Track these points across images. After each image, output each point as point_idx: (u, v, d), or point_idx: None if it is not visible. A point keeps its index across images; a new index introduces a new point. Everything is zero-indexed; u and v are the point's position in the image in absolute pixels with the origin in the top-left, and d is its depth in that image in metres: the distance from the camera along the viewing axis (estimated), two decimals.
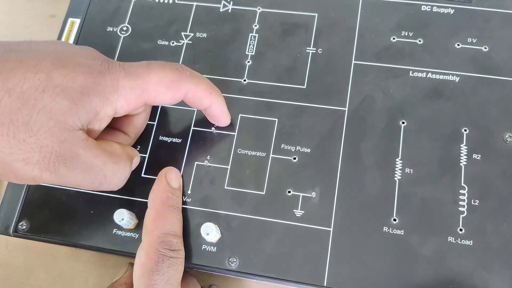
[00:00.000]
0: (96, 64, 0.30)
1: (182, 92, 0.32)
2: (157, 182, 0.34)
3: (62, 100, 0.27)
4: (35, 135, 0.26)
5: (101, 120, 0.30)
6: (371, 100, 0.36)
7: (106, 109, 0.29)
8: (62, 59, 0.29)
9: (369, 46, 0.38)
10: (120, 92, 0.30)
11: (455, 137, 0.35)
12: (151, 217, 0.32)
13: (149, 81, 0.31)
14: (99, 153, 0.29)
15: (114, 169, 0.30)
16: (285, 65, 0.38)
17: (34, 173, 0.27)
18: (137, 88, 0.30)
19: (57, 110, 0.27)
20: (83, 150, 0.28)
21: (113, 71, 0.30)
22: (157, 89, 0.31)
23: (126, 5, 0.42)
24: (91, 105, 0.28)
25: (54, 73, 0.27)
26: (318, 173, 0.35)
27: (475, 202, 0.33)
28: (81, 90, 0.28)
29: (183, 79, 0.32)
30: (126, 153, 0.32)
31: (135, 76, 0.30)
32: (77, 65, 0.29)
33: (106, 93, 0.29)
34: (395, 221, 0.33)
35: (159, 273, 0.30)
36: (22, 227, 0.35)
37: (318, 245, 0.33)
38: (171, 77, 0.31)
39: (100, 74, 0.29)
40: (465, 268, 0.32)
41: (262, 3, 0.40)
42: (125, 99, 0.30)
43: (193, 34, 0.40)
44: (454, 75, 0.36)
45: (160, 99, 0.31)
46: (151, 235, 0.32)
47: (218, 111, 0.35)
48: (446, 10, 0.38)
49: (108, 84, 0.29)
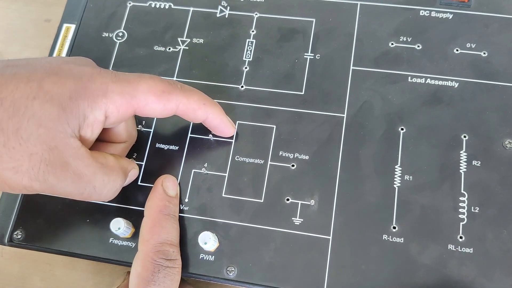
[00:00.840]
0: (87, 70, 0.30)
1: (173, 103, 0.32)
2: (153, 190, 0.34)
3: (51, 107, 0.27)
4: (25, 143, 0.26)
5: (92, 125, 0.29)
6: (369, 106, 0.36)
7: (96, 114, 0.29)
8: (55, 68, 0.29)
9: (367, 51, 0.38)
10: (109, 96, 0.29)
11: (455, 143, 0.34)
12: (148, 226, 0.32)
13: (138, 88, 0.30)
14: (89, 163, 0.29)
15: (105, 181, 0.30)
16: (283, 71, 0.38)
17: (24, 182, 0.27)
18: (126, 94, 0.30)
19: (46, 117, 0.27)
20: (73, 159, 0.28)
21: (103, 76, 0.30)
22: (147, 97, 0.31)
23: (122, 11, 0.41)
24: (79, 109, 0.28)
25: (45, 81, 0.28)
26: (317, 180, 0.34)
27: (475, 209, 0.33)
28: (69, 95, 0.28)
29: (174, 91, 0.32)
30: (120, 166, 0.32)
31: (125, 82, 0.30)
32: (69, 72, 0.29)
33: (95, 97, 0.29)
34: (394, 229, 0.33)
35: (155, 283, 0.30)
36: (17, 236, 0.35)
37: (317, 254, 0.33)
38: (161, 87, 0.31)
39: (89, 78, 0.29)
40: (465, 276, 0.31)
41: (259, 9, 0.40)
42: (114, 105, 0.30)
43: (190, 39, 0.40)
44: (453, 81, 0.36)
45: (150, 108, 0.31)
46: (147, 244, 0.31)
47: (216, 122, 0.34)
48: (445, 15, 0.38)
49: (97, 88, 0.29)
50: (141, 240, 0.32)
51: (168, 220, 0.33)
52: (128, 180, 0.33)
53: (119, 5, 0.42)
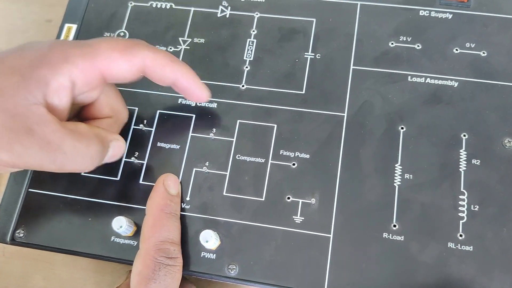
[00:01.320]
0: (48, 42, 0.30)
1: (139, 58, 0.31)
2: (155, 189, 0.34)
3: (11, 77, 0.28)
4: None
5: (58, 92, 0.29)
6: (370, 105, 0.36)
7: (58, 79, 0.29)
8: (20, 47, 0.30)
9: (367, 51, 0.38)
10: (70, 60, 0.29)
11: (454, 142, 0.35)
12: (149, 225, 0.32)
13: (100, 47, 0.30)
14: (56, 129, 0.28)
15: (76, 147, 0.29)
16: (284, 71, 0.38)
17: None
18: (87, 55, 0.30)
19: (6, 86, 0.27)
20: (38, 125, 0.28)
21: (64, 43, 0.30)
22: (110, 54, 0.30)
23: (123, 11, 0.42)
24: (40, 76, 0.28)
25: (7, 58, 0.29)
26: (317, 179, 0.34)
27: (475, 207, 0.33)
28: (29, 64, 0.28)
29: (138, 46, 0.31)
30: (94, 133, 0.31)
31: (86, 45, 0.30)
32: (30, 46, 0.30)
33: (55, 62, 0.29)
34: (395, 227, 0.33)
35: (156, 281, 0.30)
36: (19, 235, 0.35)
37: (318, 252, 0.33)
38: (124, 43, 0.31)
39: (49, 47, 0.29)
40: (465, 273, 0.32)
41: (260, 8, 0.40)
42: (77, 68, 0.29)
43: (191, 39, 0.40)
44: (452, 80, 0.36)
45: (116, 67, 0.30)
46: (148, 242, 0.31)
47: (188, 83, 0.33)
48: (444, 15, 0.38)
49: (57, 54, 0.29)
50: (142, 238, 0.32)
51: (170, 218, 0.33)
52: (112, 152, 0.33)
53: (120, 5, 0.42)
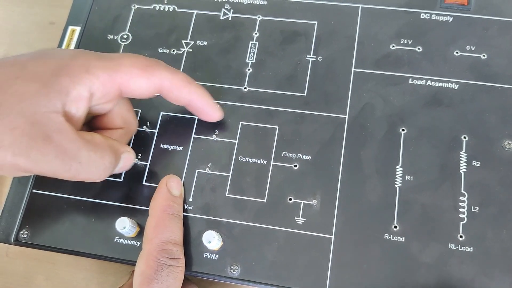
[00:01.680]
0: (70, 51, 0.31)
1: (157, 78, 0.32)
2: (158, 190, 0.34)
3: (32, 83, 0.28)
4: (7, 117, 0.27)
5: (76, 102, 0.29)
6: (371, 107, 0.36)
7: (79, 89, 0.29)
8: (40, 53, 0.30)
9: (368, 54, 0.38)
10: (91, 71, 0.30)
11: (455, 144, 0.35)
12: (151, 225, 0.33)
13: (122, 63, 0.31)
14: (73, 138, 0.29)
15: (91, 157, 0.30)
16: (286, 73, 0.38)
17: (9, 158, 0.27)
18: (109, 69, 0.30)
19: (27, 92, 0.28)
20: (56, 133, 0.28)
21: (86, 54, 0.31)
22: (131, 71, 0.31)
23: (126, 13, 0.42)
24: (61, 85, 0.29)
25: (29, 63, 0.29)
26: (319, 180, 0.35)
27: (475, 208, 0.33)
28: (51, 72, 0.29)
29: (158, 66, 0.32)
30: (108, 144, 0.31)
31: (108, 58, 0.31)
32: (52, 54, 0.30)
33: (77, 73, 0.29)
34: (396, 228, 0.33)
35: (158, 282, 0.30)
36: (23, 236, 0.35)
37: (319, 253, 0.33)
38: (145, 62, 0.32)
39: (72, 57, 0.30)
40: (466, 274, 0.32)
41: (262, 11, 0.40)
42: (98, 80, 0.30)
43: (194, 42, 0.40)
44: (453, 83, 0.37)
45: (134, 83, 0.31)
46: (151, 243, 0.32)
47: (202, 104, 0.34)
48: (445, 18, 0.39)
49: (80, 65, 0.30)
50: (145, 239, 0.32)
51: (172, 219, 0.33)
52: (122, 163, 0.33)
53: (124, 7, 0.42)
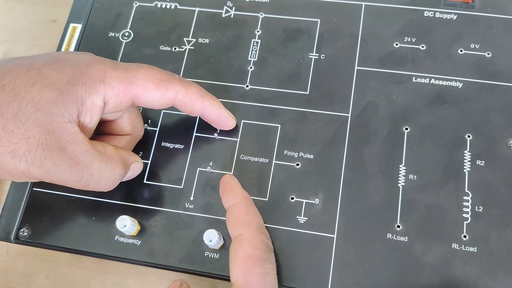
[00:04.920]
0: (85, 58, 0.30)
1: (171, 92, 0.32)
2: (229, 183, 0.34)
3: (49, 91, 0.28)
4: (23, 126, 0.27)
5: (91, 111, 0.29)
6: (374, 106, 0.36)
7: (93, 99, 0.29)
8: (55, 57, 0.30)
9: (372, 52, 0.38)
10: (107, 82, 0.30)
11: (459, 143, 0.35)
12: (242, 211, 0.32)
13: (137, 75, 0.31)
14: (87, 150, 0.29)
15: (102, 168, 0.30)
16: (288, 71, 0.38)
17: (22, 167, 0.27)
18: (124, 80, 0.30)
19: (44, 101, 0.28)
20: (70, 144, 0.28)
21: (102, 63, 0.30)
22: (146, 84, 0.31)
23: (128, 11, 0.42)
24: (77, 94, 0.29)
25: (45, 69, 0.29)
26: (321, 179, 0.34)
27: (479, 208, 0.33)
28: (67, 80, 0.29)
29: (172, 80, 0.32)
30: (119, 155, 0.31)
31: (124, 69, 0.31)
32: (67, 60, 0.30)
33: (92, 82, 0.29)
34: (399, 228, 0.33)
35: (269, 262, 0.30)
36: (24, 234, 0.35)
37: (321, 252, 0.33)
38: (160, 76, 0.32)
39: (87, 65, 0.30)
40: (469, 275, 0.32)
41: (265, 9, 0.40)
42: (113, 90, 0.30)
43: (195, 39, 0.40)
44: (457, 81, 0.36)
45: (148, 96, 0.31)
46: (251, 225, 0.31)
47: (216, 114, 0.35)
48: (449, 16, 0.38)
49: (95, 74, 0.30)
50: (241, 223, 0.32)
51: (253, 204, 0.33)
52: (131, 173, 0.33)
53: (125, 5, 0.42)
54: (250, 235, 0.31)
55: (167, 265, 0.34)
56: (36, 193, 0.36)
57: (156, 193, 0.35)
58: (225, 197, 0.33)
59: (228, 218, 0.32)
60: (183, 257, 0.34)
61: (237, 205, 0.33)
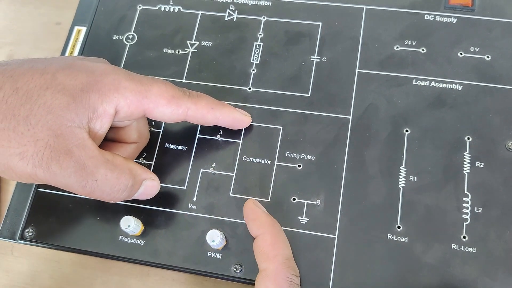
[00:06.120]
0: (100, 66, 0.31)
1: (182, 109, 0.32)
2: (252, 210, 0.33)
3: (62, 96, 0.28)
4: (33, 128, 0.27)
5: (101, 118, 0.30)
6: (375, 108, 0.37)
7: (105, 106, 0.29)
8: (69, 63, 0.30)
9: (372, 54, 0.38)
10: (120, 92, 0.30)
11: (458, 145, 0.35)
12: (268, 243, 0.32)
13: (151, 89, 0.31)
14: (94, 155, 0.29)
15: (107, 176, 0.29)
16: (290, 74, 0.38)
17: (29, 169, 0.28)
18: (138, 93, 0.31)
19: (56, 105, 0.28)
20: (77, 148, 0.28)
21: (117, 72, 0.31)
22: (158, 100, 0.31)
23: (132, 14, 0.42)
24: (90, 101, 0.29)
25: (59, 73, 0.29)
26: (322, 180, 0.35)
27: (479, 209, 0.33)
28: (81, 87, 0.29)
29: (183, 97, 0.32)
30: (128, 167, 0.31)
31: (138, 82, 0.31)
32: (82, 66, 0.30)
33: (106, 91, 0.30)
34: (399, 229, 0.33)
35: None
36: (29, 234, 0.36)
37: (323, 252, 0.33)
38: (172, 93, 0.32)
39: (102, 73, 0.30)
40: (469, 275, 0.32)
41: (267, 12, 0.41)
42: (125, 101, 0.30)
43: (199, 42, 0.40)
44: (457, 84, 0.37)
45: (159, 111, 0.32)
46: (275, 260, 0.31)
47: (229, 120, 0.35)
48: (449, 19, 0.39)
49: (109, 83, 0.30)
50: (265, 257, 0.31)
51: (283, 232, 0.33)
52: (143, 190, 0.32)
53: (129, 8, 0.42)
54: (274, 272, 0.30)
55: (171, 265, 0.34)
56: (41, 193, 0.37)
57: (159, 194, 0.35)
58: (250, 226, 0.33)
59: (255, 249, 0.32)
60: (186, 257, 0.34)
61: (262, 235, 0.32)
